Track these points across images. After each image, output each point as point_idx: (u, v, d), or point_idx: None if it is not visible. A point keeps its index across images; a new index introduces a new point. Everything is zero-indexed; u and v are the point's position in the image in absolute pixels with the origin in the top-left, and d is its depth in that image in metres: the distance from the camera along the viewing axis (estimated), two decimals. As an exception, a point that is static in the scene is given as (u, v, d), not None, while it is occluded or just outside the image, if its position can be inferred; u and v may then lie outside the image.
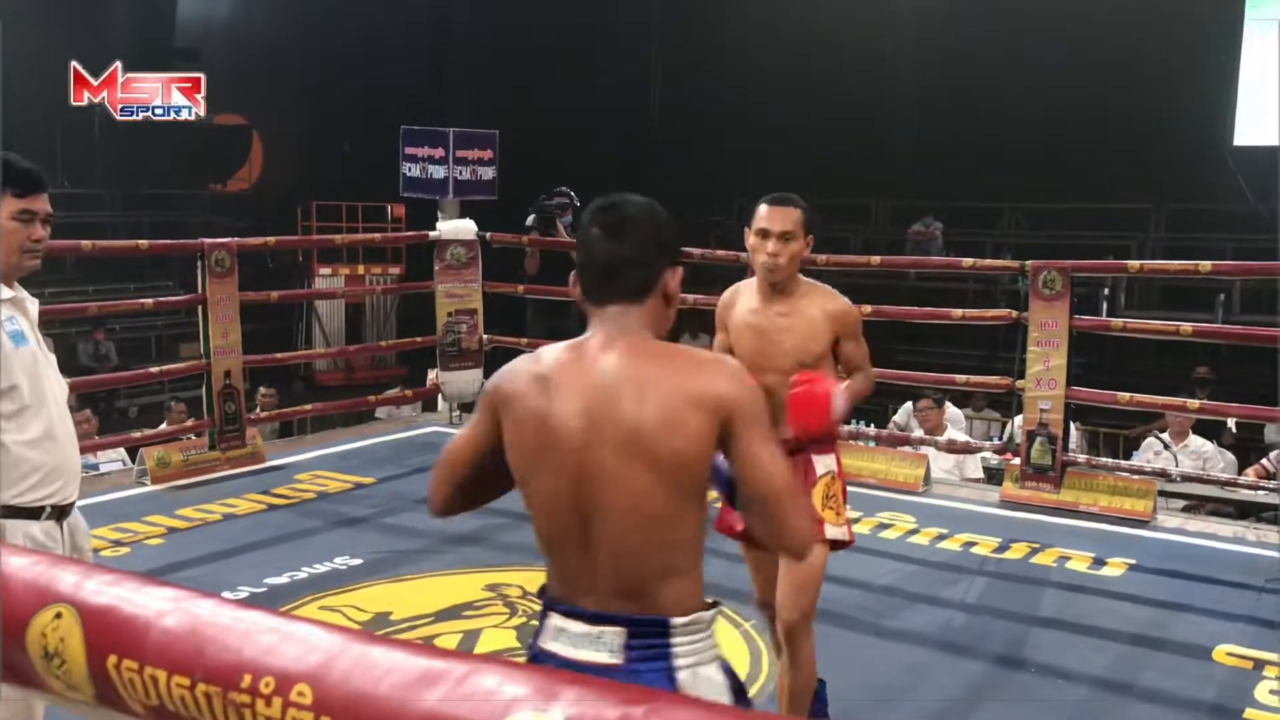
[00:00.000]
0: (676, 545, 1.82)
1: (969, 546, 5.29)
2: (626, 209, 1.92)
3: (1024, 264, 5.95)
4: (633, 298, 1.88)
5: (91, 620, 1.38)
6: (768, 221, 3.12)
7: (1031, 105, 13.58)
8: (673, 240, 1.94)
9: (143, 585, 1.42)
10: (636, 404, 1.80)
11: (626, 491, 1.80)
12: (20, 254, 2.57)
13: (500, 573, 4.64)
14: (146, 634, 1.34)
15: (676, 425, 1.78)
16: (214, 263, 6.25)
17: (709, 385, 1.81)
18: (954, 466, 6.85)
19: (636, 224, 1.90)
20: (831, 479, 3.15)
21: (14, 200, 2.53)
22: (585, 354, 1.87)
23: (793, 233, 3.09)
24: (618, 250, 1.88)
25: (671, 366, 1.84)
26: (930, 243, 13.78)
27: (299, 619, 1.37)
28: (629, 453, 1.79)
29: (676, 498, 1.80)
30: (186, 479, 6.01)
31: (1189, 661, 4.07)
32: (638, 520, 1.80)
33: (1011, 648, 4.17)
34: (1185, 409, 6.32)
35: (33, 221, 2.57)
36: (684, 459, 1.79)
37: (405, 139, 7.49)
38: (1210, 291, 11.73)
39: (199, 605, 1.36)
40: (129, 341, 14.06)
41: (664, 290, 1.90)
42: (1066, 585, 4.83)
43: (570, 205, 7.63)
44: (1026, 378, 5.88)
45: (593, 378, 1.83)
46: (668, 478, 1.79)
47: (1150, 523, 5.67)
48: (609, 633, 1.81)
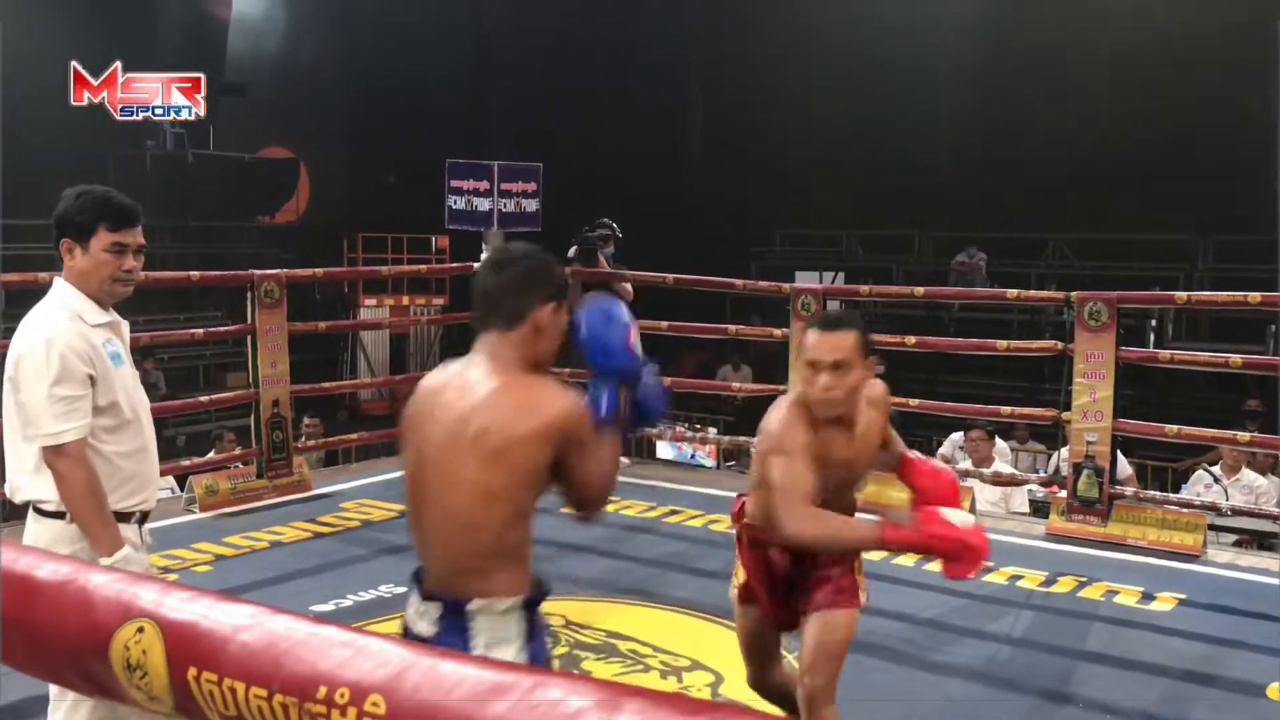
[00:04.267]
0: (497, 548, 2.08)
1: (1015, 580, 5.24)
2: (513, 251, 2.25)
3: (1069, 295, 5.92)
4: (504, 326, 2.15)
5: (172, 634, 1.44)
6: (816, 351, 2.77)
7: (1076, 135, 13.50)
8: (548, 279, 2.19)
9: (220, 601, 1.49)
10: (473, 419, 2.07)
11: (450, 495, 2.08)
12: (113, 283, 2.75)
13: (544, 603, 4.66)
14: (225, 647, 1.40)
15: (508, 448, 2.05)
16: (263, 294, 6.35)
17: (538, 410, 2.07)
18: (1000, 499, 6.79)
19: (515, 262, 2.19)
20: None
21: (107, 233, 2.71)
22: (459, 371, 2.18)
23: (847, 361, 2.75)
24: (495, 284, 2.18)
25: (511, 390, 2.09)
26: (974, 273, 13.70)
27: (371, 633, 1.41)
28: (458, 462, 2.07)
29: (493, 507, 2.06)
30: (234, 506, 6.08)
31: (1241, 699, 4.01)
32: (455, 522, 2.09)
33: (1058, 683, 4.12)
34: (1235, 441, 6.24)
35: (125, 253, 2.75)
36: (515, 479, 2.06)
37: (451, 172, 7.57)
38: (1260, 323, 11.56)
39: (275, 620, 1.42)
40: (176, 371, 14.25)
41: (534, 322, 2.14)
42: (1114, 620, 4.77)
43: (612, 237, 7.67)
44: (1073, 409, 5.83)
45: (452, 392, 2.13)
46: (486, 489, 2.05)
47: (1200, 557, 5.59)
48: (431, 609, 2.13)
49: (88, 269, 2.72)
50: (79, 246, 2.71)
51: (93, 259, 2.71)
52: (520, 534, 2.11)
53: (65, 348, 2.63)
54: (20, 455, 2.74)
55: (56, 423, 2.62)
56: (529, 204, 7.55)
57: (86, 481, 2.64)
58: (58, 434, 2.62)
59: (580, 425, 2.10)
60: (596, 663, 4.20)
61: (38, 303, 2.77)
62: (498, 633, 2.09)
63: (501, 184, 7.42)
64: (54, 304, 2.73)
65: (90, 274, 2.72)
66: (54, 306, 2.72)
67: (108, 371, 2.71)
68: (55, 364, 2.62)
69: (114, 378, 2.73)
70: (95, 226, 2.70)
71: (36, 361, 2.63)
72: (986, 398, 8.94)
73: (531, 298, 2.15)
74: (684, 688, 4.02)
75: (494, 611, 2.08)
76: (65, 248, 2.73)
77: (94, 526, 2.65)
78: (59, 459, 2.63)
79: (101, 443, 2.70)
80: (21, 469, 2.74)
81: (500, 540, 2.08)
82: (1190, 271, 13.28)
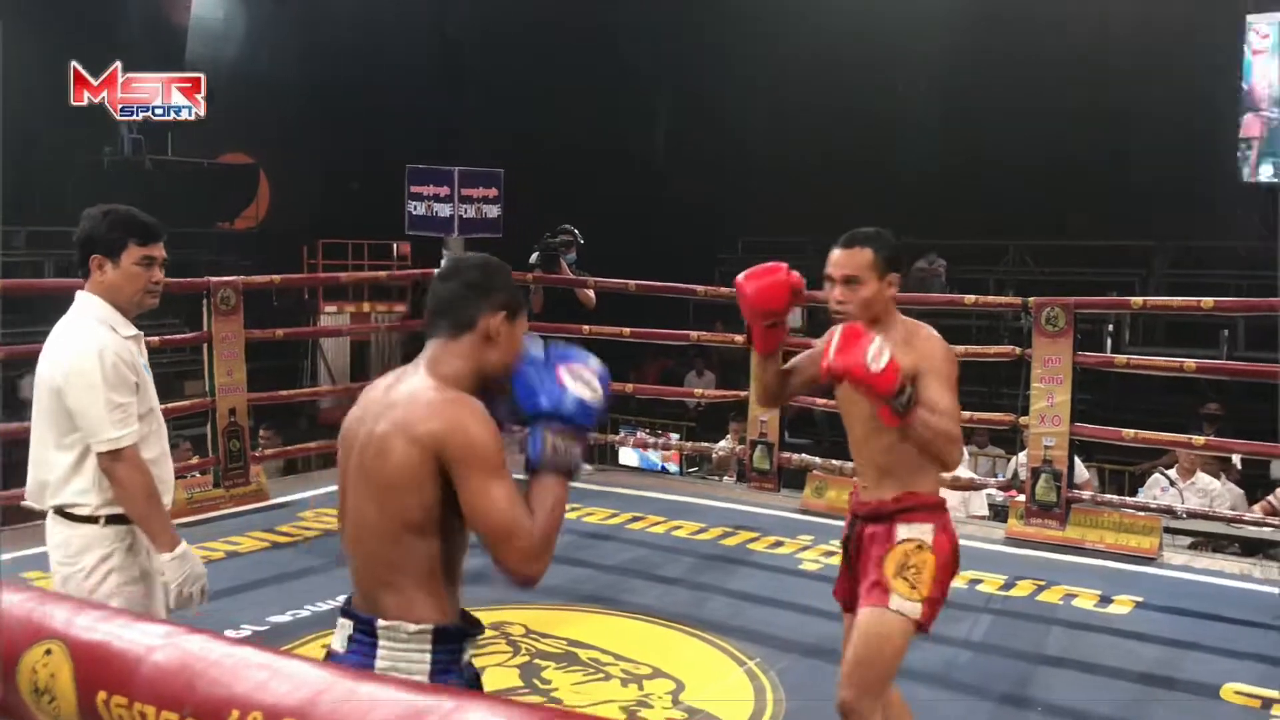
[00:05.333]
0: (396, 564, 1.99)
1: (974, 584, 5.26)
2: (464, 259, 2.18)
3: (1026, 300, 5.97)
4: (450, 334, 2.06)
5: (82, 656, 1.39)
6: (831, 265, 2.87)
7: (1035, 142, 13.63)
8: (498, 287, 2.10)
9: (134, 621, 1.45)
10: (375, 431, 2.01)
11: (356, 509, 2.04)
12: (143, 294, 2.93)
13: (504, 611, 4.63)
14: (137, 669, 1.35)
15: (388, 454, 1.97)
16: (219, 300, 6.28)
17: (424, 421, 1.96)
18: (959, 503, 6.82)
19: (464, 270, 2.13)
20: (916, 548, 2.84)
21: (136, 248, 2.89)
22: (395, 378, 2.10)
23: (858, 277, 2.82)
24: (445, 289, 2.10)
25: (418, 398, 2.00)
26: (934, 279, 13.80)
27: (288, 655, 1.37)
28: (360, 475, 2.03)
29: (393, 523, 1.98)
30: (190, 516, 6.00)
31: (1198, 700, 4.05)
32: (361, 535, 2.04)
33: (1018, 686, 4.15)
34: (1190, 445, 6.31)
35: (152, 266, 2.93)
36: (395, 488, 1.96)
37: (411, 177, 7.53)
38: (1215, 328, 11.72)
39: (189, 641, 1.37)
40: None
41: (484, 330, 2.05)
42: (1073, 623, 4.81)
43: (574, 244, 7.64)
44: (1030, 414, 5.87)
45: (376, 402, 2.07)
46: (381, 503, 1.98)
47: (1156, 560, 5.65)
48: (346, 625, 2.05)
49: (120, 282, 2.88)
50: (109, 262, 2.87)
51: (124, 273, 2.88)
52: (426, 554, 1.99)
53: (116, 358, 2.80)
54: (51, 461, 2.84)
55: (115, 429, 2.76)
56: (490, 210, 7.52)
57: (145, 484, 2.79)
58: (117, 439, 2.76)
59: (465, 445, 1.93)
60: (557, 671, 4.18)
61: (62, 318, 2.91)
62: (401, 660, 1.97)
63: (462, 189, 7.39)
64: (88, 317, 2.87)
65: (122, 287, 2.88)
66: (88, 320, 2.86)
67: (145, 381, 2.90)
68: (110, 373, 2.77)
69: (149, 388, 2.92)
70: (125, 242, 2.87)
71: (90, 371, 2.77)
72: (946, 403, 9.01)
73: (481, 305, 2.06)
74: (645, 695, 4.01)
75: (399, 634, 1.98)
76: (95, 264, 2.88)
77: (155, 525, 2.81)
78: (118, 464, 2.76)
79: (141, 448, 2.84)
80: (53, 474, 2.84)
81: (405, 558, 1.98)
82: (1146, 277, 13.45)
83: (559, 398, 2.02)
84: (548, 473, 2.00)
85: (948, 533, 2.91)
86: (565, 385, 2.02)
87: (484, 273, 2.12)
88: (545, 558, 1.97)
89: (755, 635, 4.54)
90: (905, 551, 2.84)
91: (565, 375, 2.03)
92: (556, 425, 2.01)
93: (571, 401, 2.02)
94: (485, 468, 1.94)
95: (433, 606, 2.00)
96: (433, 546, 1.99)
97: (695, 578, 5.38)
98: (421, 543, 1.98)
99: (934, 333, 2.90)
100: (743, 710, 3.89)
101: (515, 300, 2.12)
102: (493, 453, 1.95)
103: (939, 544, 2.86)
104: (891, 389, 2.57)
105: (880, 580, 2.83)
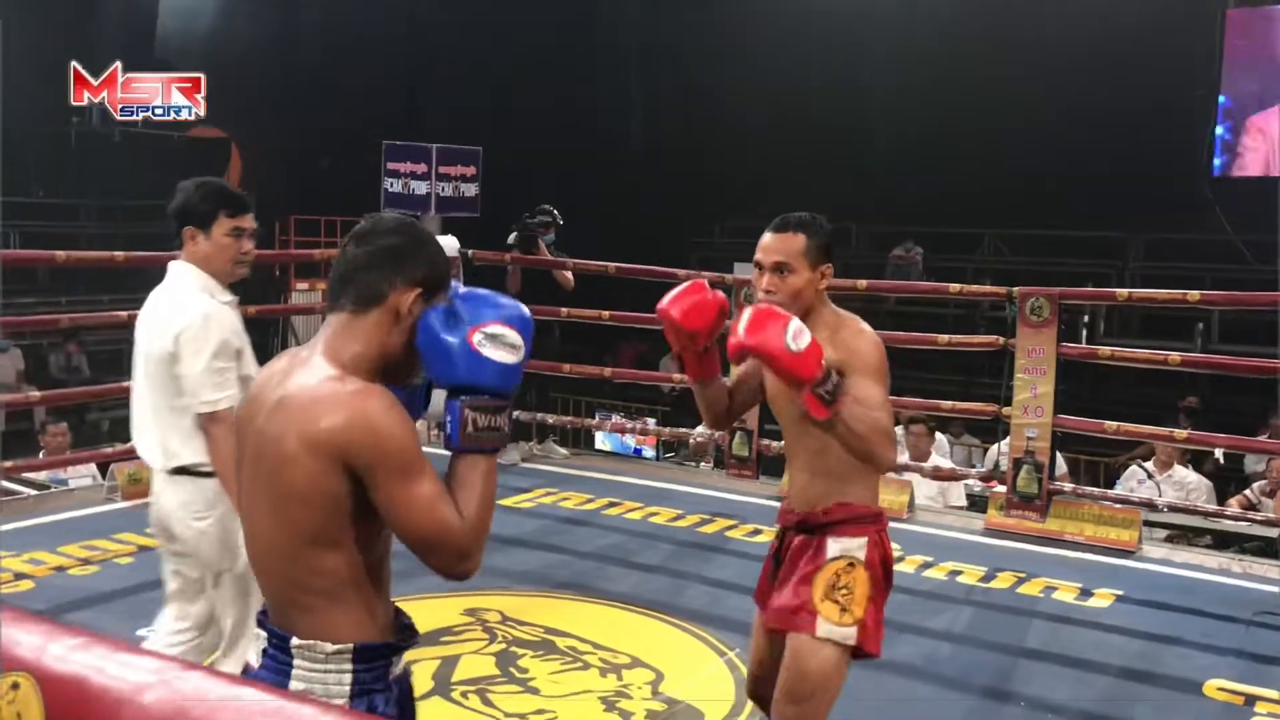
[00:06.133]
0: (303, 583, 1.74)
1: (954, 575, 5.23)
2: (380, 222, 1.84)
3: (1011, 290, 5.92)
4: (354, 309, 1.78)
5: (55, 694, 1.18)
6: (761, 251, 2.64)
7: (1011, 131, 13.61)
8: (415, 257, 1.80)
9: (116, 652, 1.23)
10: (267, 431, 1.73)
11: (253, 519, 1.79)
12: (233, 264, 3.08)
13: (480, 597, 4.56)
14: (119, 714, 1.14)
15: (284, 463, 1.70)
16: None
17: (322, 422, 1.68)
18: (937, 493, 6.79)
19: (382, 234, 1.81)
20: (848, 566, 2.60)
21: (226, 219, 3.05)
22: (290, 360, 1.82)
23: (789, 264, 2.59)
24: (352, 256, 1.81)
25: (313, 394, 1.71)
26: (911, 267, 13.78)
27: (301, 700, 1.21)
28: (254, 483, 1.76)
29: (296, 540, 1.72)
30: (157, 496, 5.86)
31: (1180, 696, 4.02)
32: (260, 550, 1.79)
33: (1000, 680, 4.11)
34: (1172, 439, 6.29)
35: (242, 236, 3.08)
36: (293, 502, 1.70)
37: (387, 154, 7.41)
38: (1189, 321, 11.76)
39: (184, 680, 1.17)
40: (102, 354, 13.87)
41: (393, 307, 1.77)
42: (1054, 616, 4.78)
43: (553, 224, 7.54)
44: (1014, 405, 5.84)
45: (267, 392, 1.78)
46: (280, 517, 1.72)
47: (1136, 553, 5.63)
48: (261, 638, 1.81)
49: (211, 253, 3.04)
50: (201, 233, 3.04)
51: (215, 244, 3.04)
52: (340, 567, 1.74)
53: (220, 324, 2.97)
54: (171, 425, 3.03)
55: (213, 392, 2.93)
56: (468, 188, 7.42)
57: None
58: (214, 402, 2.93)
59: (374, 447, 1.67)
60: (534, 660, 4.10)
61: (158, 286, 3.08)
62: (318, 682, 1.75)
63: (440, 167, 7.29)
64: (188, 285, 3.03)
65: (214, 257, 3.05)
66: (190, 287, 3.02)
67: (245, 346, 3.05)
68: (214, 339, 2.94)
69: (248, 353, 3.06)
70: (216, 214, 3.03)
71: (198, 336, 2.94)
72: (921, 391, 8.97)
73: (393, 278, 1.77)
74: (624, 685, 3.94)
75: (315, 655, 1.75)
76: (189, 235, 3.05)
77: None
78: (213, 425, 2.93)
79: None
80: (174, 438, 3.04)
81: (313, 576, 1.73)
82: (1122, 269, 13.47)
83: (473, 367, 1.75)
84: (471, 452, 1.75)
85: (881, 546, 2.66)
86: (479, 351, 1.75)
87: (401, 238, 1.81)
88: (479, 551, 1.74)
89: (735, 625, 4.46)
90: (835, 571, 2.60)
91: (478, 338, 1.75)
92: (473, 399, 1.74)
93: (489, 370, 1.75)
94: (400, 469, 1.68)
95: (352, 622, 1.77)
96: (347, 559, 1.74)
97: (673, 565, 5.32)
98: (332, 557, 1.73)
99: (864, 325, 2.67)
100: (723, 702, 3.83)
101: (435, 276, 1.81)
102: (406, 450, 1.69)
103: (870, 560, 2.62)
104: (814, 373, 2.34)
105: (805, 604, 2.60)
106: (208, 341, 2.93)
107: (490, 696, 3.80)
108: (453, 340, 1.75)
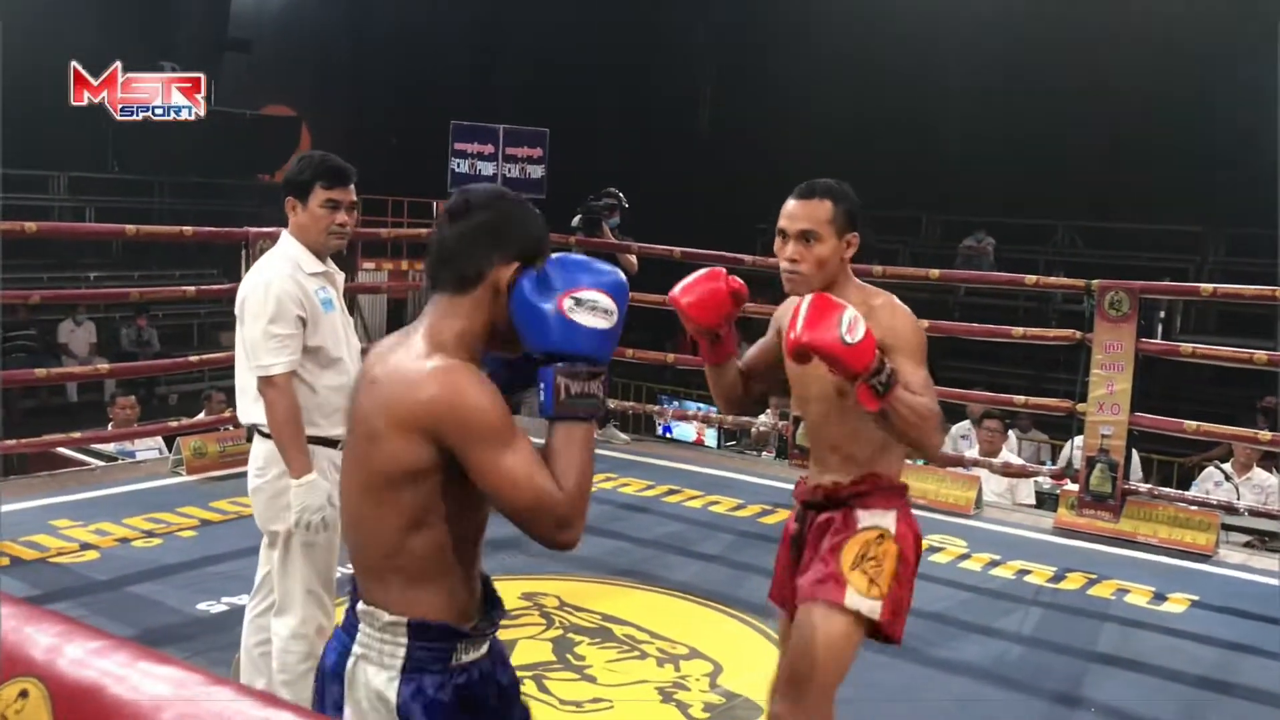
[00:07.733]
0: (387, 559, 1.75)
1: (1023, 575, 5.10)
2: (475, 194, 1.81)
3: (1089, 283, 5.74)
4: (455, 289, 1.76)
5: (66, 704, 1.06)
6: (785, 218, 2.51)
7: (1086, 122, 13.34)
8: (516, 232, 1.77)
9: (137, 659, 1.09)
10: (363, 408, 1.77)
11: (347, 494, 1.81)
12: (327, 236, 3.12)
13: (537, 581, 4.52)
14: None
15: (375, 441, 1.72)
16: (258, 251, 6.13)
17: (409, 399, 1.68)
18: (1005, 490, 6.64)
19: (475, 209, 1.78)
20: (879, 538, 2.49)
21: (322, 191, 3.09)
22: (393, 344, 1.80)
23: (815, 232, 2.47)
24: (449, 235, 1.78)
25: (403, 373, 1.71)
26: (982, 258, 13.55)
27: None
28: (352, 458, 1.79)
29: (385, 518, 1.74)
30: (222, 470, 5.91)
31: (1259, 709, 3.87)
32: (349, 516, 1.83)
33: (1070, 685, 3.98)
34: (1256, 440, 6.08)
35: (338, 209, 3.11)
36: (384, 479, 1.72)
37: (455, 134, 7.41)
38: (1270, 318, 11.41)
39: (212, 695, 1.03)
40: (171, 328, 14.08)
41: (493, 284, 1.75)
42: (1126, 620, 4.63)
43: (618, 207, 7.48)
44: (1089, 401, 5.67)
45: (369, 371, 1.80)
46: (371, 494, 1.75)
47: (1212, 557, 5.45)
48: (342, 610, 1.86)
49: (307, 223, 3.11)
50: (300, 204, 3.10)
51: (311, 214, 3.10)
52: (425, 548, 1.74)
53: (281, 291, 3.00)
54: (245, 386, 3.15)
55: (269, 356, 2.99)
56: (534, 170, 7.39)
57: (288, 410, 2.99)
58: (269, 366, 2.99)
59: (461, 419, 1.66)
60: (591, 647, 4.05)
61: None
62: (373, 649, 1.76)
63: (507, 148, 7.27)
64: (278, 254, 3.12)
65: (309, 227, 3.11)
66: (278, 256, 3.11)
67: (318, 315, 3.07)
68: (271, 305, 2.99)
69: (323, 321, 3.08)
70: (312, 185, 3.09)
71: (257, 302, 3.01)
72: (990, 385, 8.80)
73: (490, 254, 1.74)
74: (681, 676, 3.87)
75: (375, 623, 1.76)
76: (290, 205, 3.12)
77: (290, 451, 2.98)
78: (268, 388, 3.00)
79: (315, 378, 3.06)
80: (247, 397, 3.14)
81: (394, 548, 1.74)
82: (1200, 264, 13.12)
83: (565, 332, 1.70)
84: (566, 420, 1.71)
85: (909, 522, 2.55)
86: (570, 316, 1.71)
87: (495, 213, 1.77)
88: (580, 520, 1.70)
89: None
90: (866, 541, 2.48)
91: (569, 304, 1.71)
92: (567, 366, 1.71)
93: (581, 336, 1.71)
94: (490, 440, 1.66)
95: (427, 601, 1.76)
96: (434, 538, 1.75)
97: (733, 555, 5.24)
98: (420, 536, 1.74)
99: (895, 300, 2.52)
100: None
101: (532, 246, 1.77)
102: (495, 422, 1.66)
103: (901, 534, 2.51)
104: (870, 365, 2.23)
105: (834, 573, 2.46)
106: (265, 307, 2.99)
107: (546, 683, 3.75)
108: (545, 306, 1.72)
